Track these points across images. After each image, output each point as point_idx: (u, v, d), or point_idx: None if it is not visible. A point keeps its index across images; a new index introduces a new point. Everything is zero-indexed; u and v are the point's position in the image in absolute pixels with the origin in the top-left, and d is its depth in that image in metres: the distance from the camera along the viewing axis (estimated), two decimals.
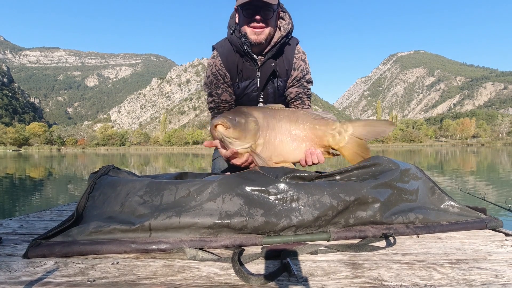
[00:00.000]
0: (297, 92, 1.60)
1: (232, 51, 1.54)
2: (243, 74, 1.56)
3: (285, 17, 1.55)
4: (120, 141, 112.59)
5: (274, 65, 1.53)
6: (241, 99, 1.63)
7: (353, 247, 0.88)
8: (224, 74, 1.55)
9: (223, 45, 1.57)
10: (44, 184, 8.52)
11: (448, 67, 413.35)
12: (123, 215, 0.93)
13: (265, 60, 1.52)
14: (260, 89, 1.59)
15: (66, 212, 1.53)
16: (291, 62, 1.56)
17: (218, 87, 1.57)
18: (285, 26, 1.52)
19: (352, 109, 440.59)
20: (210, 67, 1.58)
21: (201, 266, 0.79)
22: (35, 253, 0.84)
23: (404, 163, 1.18)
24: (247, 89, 1.58)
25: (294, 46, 1.57)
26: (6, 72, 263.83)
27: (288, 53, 1.55)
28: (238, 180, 0.97)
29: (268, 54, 1.50)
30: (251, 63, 1.53)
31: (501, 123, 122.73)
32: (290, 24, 1.53)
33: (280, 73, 1.57)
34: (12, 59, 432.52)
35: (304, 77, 1.60)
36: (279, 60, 1.54)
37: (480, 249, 0.90)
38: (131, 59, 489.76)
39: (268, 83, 1.58)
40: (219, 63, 1.55)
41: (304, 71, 1.59)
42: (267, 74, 1.54)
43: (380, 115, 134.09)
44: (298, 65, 1.57)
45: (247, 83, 1.57)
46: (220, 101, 1.59)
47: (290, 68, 1.57)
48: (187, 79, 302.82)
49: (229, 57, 1.54)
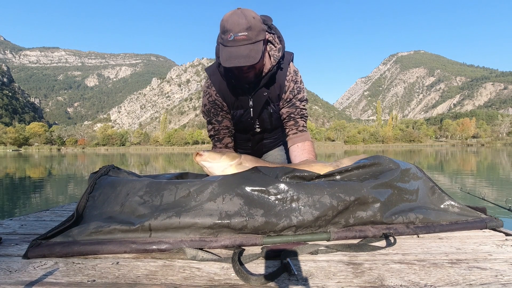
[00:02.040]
0: (288, 112, 1.53)
1: (224, 82, 1.48)
2: (237, 103, 1.51)
3: (275, 41, 1.43)
4: (120, 141, 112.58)
5: (267, 94, 1.47)
6: (237, 126, 1.61)
7: (353, 247, 0.88)
8: (221, 104, 1.52)
9: (215, 73, 1.50)
10: (44, 184, 8.52)
11: (448, 67, 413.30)
12: (123, 215, 0.93)
13: (257, 89, 1.45)
14: (255, 118, 1.55)
15: (66, 212, 1.53)
16: (282, 86, 1.49)
17: (217, 114, 1.55)
18: (275, 55, 1.41)
19: (352, 109, 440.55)
20: (206, 96, 1.54)
21: (201, 266, 0.79)
22: (35, 253, 0.84)
23: (404, 163, 1.18)
24: (242, 117, 1.55)
25: (286, 69, 1.47)
26: (6, 72, 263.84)
27: (280, 78, 1.47)
28: (238, 180, 0.97)
29: (260, 84, 1.43)
30: (243, 93, 1.48)
31: (501, 123, 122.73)
32: (281, 49, 1.42)
33: (273, 99, 1.51)
34: (12, 59, 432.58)
35: (295, 97, 1.51)
36: (271, 88, 1.47)
37: (480, 249, 0.90)
38: (131, 59, 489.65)
39: (263, 111, 1.53)
40: (214, 93, 1.51)
41: (294, 91, 1.50)
42: (260, 104, 1.49)
43: (380, 115, 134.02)
44: (288, 87, 1.49)
45: (242, 112, 1.53)
46: (220, 128, 1.57)
47: (282, 92, 1.50)
48: (187, 79, 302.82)
49: (221, 86, 1.49)
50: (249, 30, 1.22)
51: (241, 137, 1.71)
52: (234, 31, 1.21)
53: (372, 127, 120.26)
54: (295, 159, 1.53)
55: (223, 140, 1.59)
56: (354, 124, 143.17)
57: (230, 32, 1.22)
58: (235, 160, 1.26)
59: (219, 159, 1.26)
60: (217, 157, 1.26)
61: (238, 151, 1.73)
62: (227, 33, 1.22)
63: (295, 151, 1.54)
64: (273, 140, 1.77)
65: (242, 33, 1.21)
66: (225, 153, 1.29)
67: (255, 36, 1.24)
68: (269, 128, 1.64)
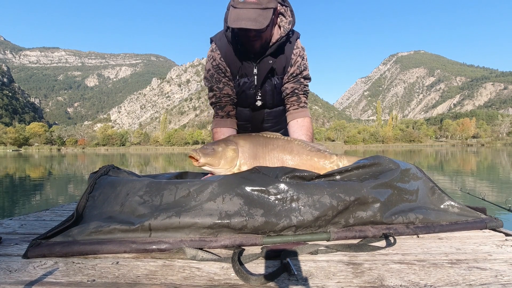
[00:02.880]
0: (293, 87, 1.55)
1: (230, 47, 1.48)
2: (241, 71, 1.51)
3: (286, 14, 1.45)
4: (120, 141, 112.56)
5: (272, 62, 1.47)
6: (239, 96, 1.59)
7: (353, 247, 0.88)
8: (224, 68, 1.51)
9: (221, 38, 1.49)
10: (44, 184, 8.52)
11: (448, 67, 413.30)
12: (123, 215, 0.93)
13: (263, 57, 1.46)
14: (258, 87, 1.54)
15: (66, 212, 1.53)
16: (289, 59, 1.50)
17: (219, 81, 1.53)
18: (285, 26, 1.43)
19: (352, 109, 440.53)
20: (210, 60, 1.52)
21: (201, 266, 0.79)
22: (35, 253, 0.84)
23: (404, 163, 1.18)
24: (246, 86, 1.54)
25: (294, 43, 1.50)
26: (6, 72, 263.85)
27: (288, 51, 1.49)
28: (238, 180, 0.97)
29: (267, 52, 1.45)
30: (248, 60, 1.48)
31: (501, 123, 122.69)
32: (291, 22, 1.44)
33: (278, 70, 1.52)
34: (12, 59, 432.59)
35: (301, 73, 1.54)
36: (278, 58, 1.48)
37: (480, 249, 0.90)
38: (131, 59, 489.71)
39: (266, 81, 1.53)
40: (218, 57, 1.49)
41: (302, 67, 1.53)
42: (264, 72, 1.49)
43: (380, 115, 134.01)
44: (295, 61, 1.51)
45: (246, 80, 1.52)
46: (221, 95, 1.55)
47: (287, 65, 1.51)
48: (187, 79, 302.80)
49: (227, 52, 1.48)
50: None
51: (242, 115, 1.67)
52: None
53: (372, 127, 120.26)
54: (293, 134, 1.54)
55: (224, 108, 1.57)
56: (354, 124, 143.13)
57: None
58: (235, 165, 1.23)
59: (218, 165, 1.23)
60: (216, 163, 1.23)
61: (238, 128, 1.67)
62: None
63: (294, 126, 1.56)
64: (273, 124, 1.76)
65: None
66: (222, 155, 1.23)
67: (266, 3, 1.25)
68: (270, 102, 1.63)
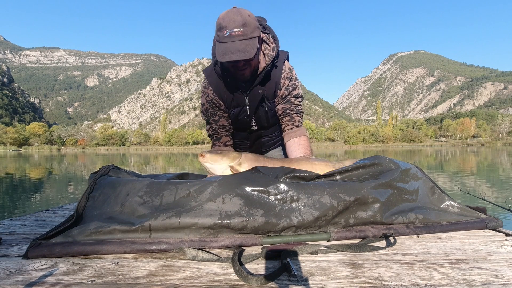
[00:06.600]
0: (284, 108, 1.55)
1: (221, 81, 1.50)
2: (234, 102, 1.54)
3: (269, 41, 1.45)
4: (120, 141, 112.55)
5: (262, 91, 1.49)
6: (235, 124, 1.63)
7: (353, 247, 0.88)
8: (218, 103, 1.55)
9: (211, 73, 1.52)
10: (44, 184, 8.52)
11: (448, 67, 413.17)
12: (123, 216, 0.93)
13: (252, 87, 1.47)
14: (251, 115, 1.57)
15: (66, 213, 1.53)
16: (278, 84, 1.51)
17: (215, 114, 1.58)
18: (269, 54, 1.43)
19: (352, 109, 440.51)
20: (204, 96, 1.57)
21: (201, 267, 0.79)
22: (35, 254, 0.84)
23: (404, 163, 1.18)
24: (239, 115, 1.57)
25: (281, 67, 1.49)
26: (6, 72, 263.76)
27: (275, 76, 1.49)
28: (238, 180, 0.97)
29: (255, 82, 1.45)
30: (239, 91, 1.50)
31: (501, 123, 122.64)
32: (275, 48, 1.44)
33: (268, 96, 1.53)
34: (12, 59, 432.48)
35: (290, 94, 1.53)
36: (266, 85, 1.49)
37: (480, 249, 0.90)
38: (131, 59, 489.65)
39: (258, 108, 1.55)
40: (211, 92, 1.53)
41: (290, 88, 1.52)
42: (255, 101, 1.52)
43: (380, 115, 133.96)
44: (283, 84, 1.51)
45: (238, 110, 1.56)
46: (217, 127, 1.60)
47: (277, 89, 1.52)
48: (187, 79, 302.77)
49: (219, 86, 1.51)
50: (245, 27, 1.23)
51: (239, 136, 1.73)
52: (230, 27, 1.23)
53: (372, 127, 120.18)
54: (292, 153, 1.55)
55: (221, 139, 1.63)
56: (354, 124, 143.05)
57: (226, 28, 1.23)
58: (235, 161, 1.27)
59: (220, 160, 1.28)
60: (218, 159, 1.28)
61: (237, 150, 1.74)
62: (223, 30, 1.24)
63: (292, 146, 1.57)
64: (271, 138, 1.79)
65: (238, 29, 1.23)
66: (226, 154, 1.30)
67: (250, 33, 1.26)
68: (265, 125, 1.66)
